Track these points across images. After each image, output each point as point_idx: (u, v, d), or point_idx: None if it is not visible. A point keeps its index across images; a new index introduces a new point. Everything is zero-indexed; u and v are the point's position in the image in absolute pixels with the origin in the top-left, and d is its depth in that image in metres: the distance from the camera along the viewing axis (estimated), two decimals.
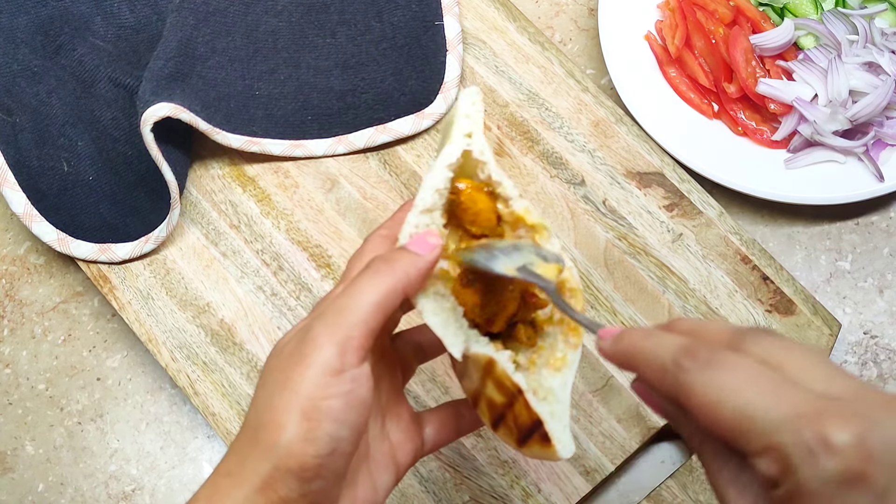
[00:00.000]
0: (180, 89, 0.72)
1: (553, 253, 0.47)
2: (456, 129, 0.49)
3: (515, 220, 0.49)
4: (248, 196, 0.74)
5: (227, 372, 0.70)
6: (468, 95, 0.50)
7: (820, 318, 0.69)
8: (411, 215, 0.47)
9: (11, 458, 0.74)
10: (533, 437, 0.45)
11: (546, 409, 0.46)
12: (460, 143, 0.48)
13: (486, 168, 0.49)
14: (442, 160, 0.48)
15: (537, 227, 0.48)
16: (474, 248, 0.47)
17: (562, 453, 0.45)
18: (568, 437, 0.45)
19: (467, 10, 0.78)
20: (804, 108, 0.74)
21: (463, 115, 0.49)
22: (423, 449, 0.51)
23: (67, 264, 0.78)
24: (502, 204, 0.49)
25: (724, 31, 0.76)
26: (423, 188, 0.47)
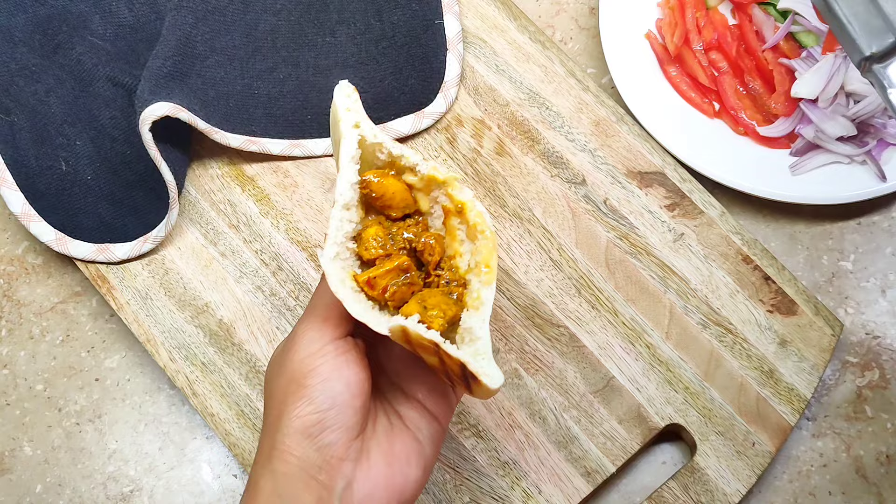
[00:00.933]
0: (179, 88, 0.72)
1: None
2: (343, 125, 0.52)
3: (428, 183, 0.52)
4: (247, 196, 0.74)
5: (226, 372, 0.70)
6: (341, 90, 0.53)
7: (822, 318, 0.69)
8: (334, 211, 0.51)
9: (9, 459, 0.74)
10: (470, 381, 0.47)
11: (468, 350, 0.48)
12: (352, 134, 0.52)
13: (384, 148, 0.52)
14: (344, 156, 0.51)
15: (448, 181, 0.52)
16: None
17: (491, 385, 0.47)
18: (493, 369, 0.47)
19: (467, 8, 0.78)
20: (808, 109, 0.73)
21: (344, 110, 0.53)
22: (452, 401, 0.54)
23: (65, 264, 0.78)
24: (410, 174, 0.52)
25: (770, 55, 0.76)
26: (338, 184, 0.51)
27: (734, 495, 0.66)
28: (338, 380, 0.49)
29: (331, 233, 0.51)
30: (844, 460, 0.70)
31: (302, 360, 0.50)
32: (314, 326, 0.50)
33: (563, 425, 0.67)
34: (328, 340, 0.50)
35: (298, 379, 0.49)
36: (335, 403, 0.48)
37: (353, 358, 0.50)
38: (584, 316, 0.70)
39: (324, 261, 0.50)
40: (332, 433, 0.48)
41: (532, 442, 0.67)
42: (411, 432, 0.51)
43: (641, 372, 0.68)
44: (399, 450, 0.51)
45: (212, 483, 0.72)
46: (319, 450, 0.48)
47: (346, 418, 0.49)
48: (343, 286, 0.49)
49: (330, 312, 0.50)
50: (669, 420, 0.67)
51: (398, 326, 0.48)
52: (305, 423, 0.48)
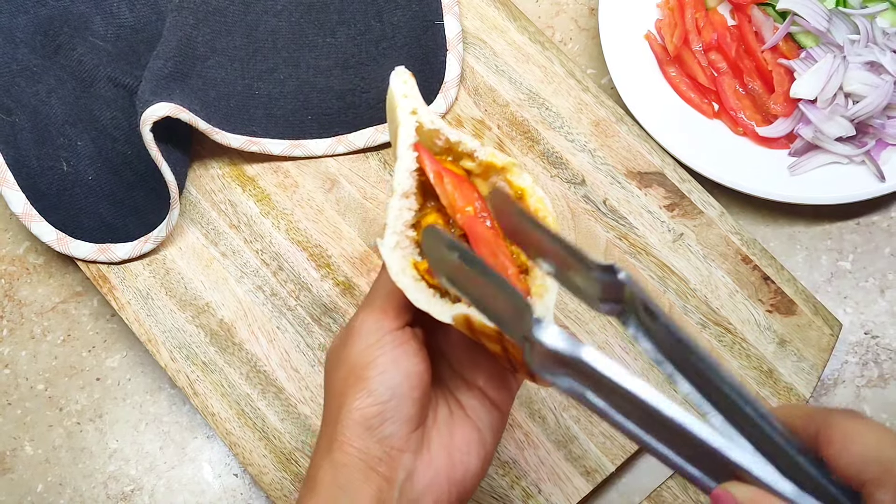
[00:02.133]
0: (180, 89, 0.72)
1: None
2: (401, 111, 0.51)
3: (486, 169, 0.51)
4: (247, 196, 0.74)
5: (227, 372, 0.70)
6: (398, 76, 0.52)
7: (821, 318, 0.69)
8: (393, 200, 0.49)
9: (10, 458, 0.74)
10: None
11: None
12: (409, 121, 0.51)
13: (441, 134, 0.51)
14: (402, 143, 0.50)
15: (507, 166, 0.51)
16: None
17: None
18: None
19: (467, 9, 0.78)
20: (807, 110, 0.74)
21: (401, 96, 0.52)
22: (513, 388, 0.53)
23: (67, 264, 0.78)
24: (468, 160, 0.51)
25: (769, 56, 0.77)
26: (396, 173, 0.50)
27: None
28: (396, 371, 0.48)
29: (390, 222, 0.49)
30: None
31: (360, 352, 0.49)
32: (372, 317, 0.50)
33: (563, 424, 0.68)
34: (386, 331, 0.49)
35: (357, 371, 0.49)
36: (394, 395, 0.48)
37: (411, 349, 0.49)
38: (584, 315, 0.70)
39: (384, 250, 0.49)
40: (391, 425, 0.48)
41: (532, 441, 0.67)
42: (472, 421, 0.51)
43: (641, 371, 0.68)
44: (459, 440, 0.50)
45: (212, 482, 0.72)
46: (379, 441, 0.48)
47: (406, 410, 0.48)
48: (404, 275, 0.48)
49: (388, 303, 0.50)
50: None
51: (461, 315, 0.47)
52: (365, 415, 0.48)
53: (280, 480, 0.68)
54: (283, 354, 0.70)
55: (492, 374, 0.51)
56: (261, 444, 0.68)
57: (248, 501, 0.72)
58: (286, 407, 0.69)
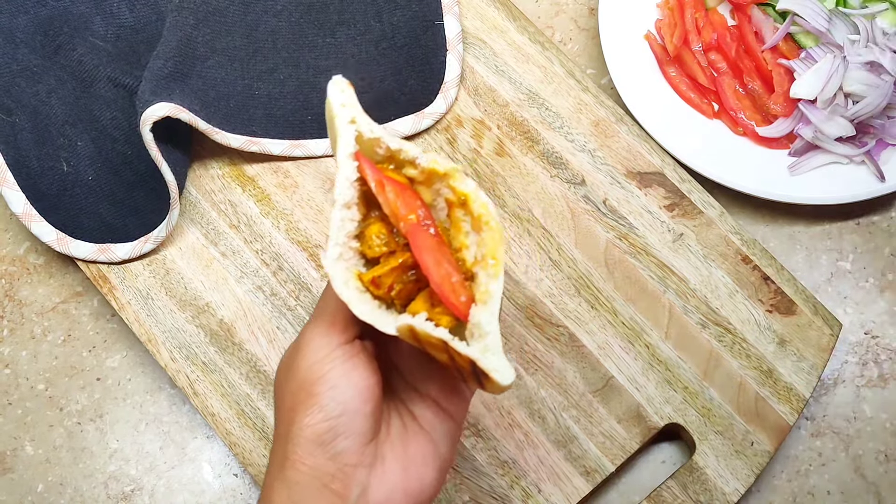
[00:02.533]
0: (180, 89, 0.72)
1: None
2: (339, 121, 0.51)
3: (429, 176, 0.51)
4: (247, 196, 0.74)
5: (227, 372, 0.70)
6: (335, 85, 0.52)
7: (821, 318, 0.69)
8: (335, 211, 0.49)
9: (11, 458, 0.74)
10: (481, 377, 0.46)
11: (478, 346, 0.47)
12: (349, 130, 0.51)
13: (382, 143, 0.51)
14: (341, 153, 0.50)
15: (450, 172, 0.50)
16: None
17: (502, 381, 0.46)
18: (503, 365, 0.46)
19: (467, 9, 0.78)
20: (807, 110, 0.74)
21: (339, 106, 0.51)
22: (466, 397, 0.53)
23: (67, 264, 0.78)
24: (410, 167, 0.51)
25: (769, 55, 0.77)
26: (337, 183, 0.49)
27: (733, 494, 0.66)
28: (347, 386, 0.48)
29: (332, 233, 0.49)
30: (843, 460, 0.70)
31: (310, 367, 0.49)
32: (321, 331, 0.49)
33: (563, 424, 0.68)
34: (336, 345, 0.49)
35: (307, 387, 0.48)
36: (346, 410, 0.47)
37: (361, 362, 0.49)
38: (584, 315, 0.70)
39: (326, 262, 0.48)
40: (343, 440, 0.48)
41: (531, 441, 0.67)
42: (426, 433, 0.50)
43: (640, 371, 0.68)
44: (414, 452, 0.50)
45: (212, 482, 0.72)
46: (332, 458, 0.47)
47: (358, 424, 0.48)
48: (347, 287, 0.48)
49: (336, 316, 0.49)
50: (668, 419, 0.67)
51: (405, 325, 0.47)
52: (316, 432, 0.47)
53: None
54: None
55: (444, 384, 0.51)
56: (261, 444, 0.68)
57: (248, 501, 0.72)
58: None
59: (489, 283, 0.48)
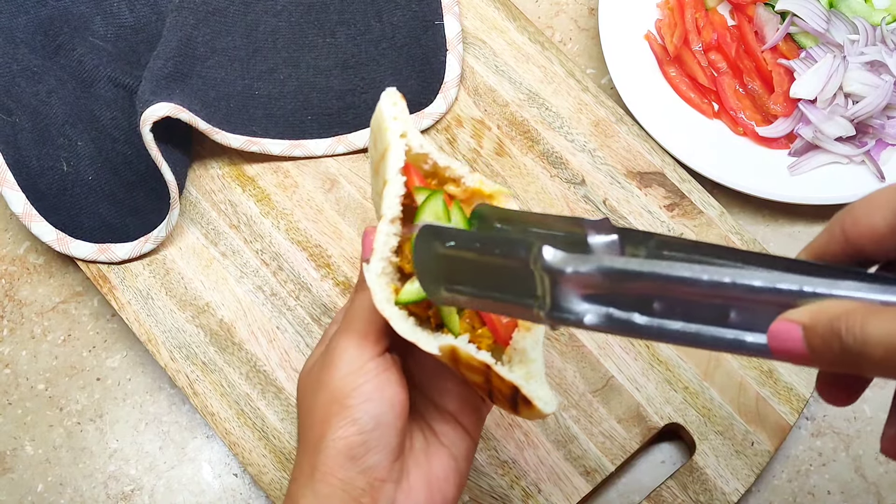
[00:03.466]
0: (180, 89, 0.72)
1: None
2: (391, 134, 0.50)
3: (471, 195, 0.50)
4: (247, 196, 0.74)
5: (227, 372, 0.70)
6: (388, 97, 0.51)
7: None
8: (381, 225, 0.48)
9: (11, 458, 0.74)
10: (520, 403, 0.46)
11: (521, 372, 0.46)
12: (399, 144, 0.50)
13: (429, 158, 0.50)
14: (391, 168, 0.49)
15: (495, 194, 0.50)
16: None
17: (545, 410, 0.46)
18: (547, 393, 0.46)
19: (467, 9, 0.78)
20: (807, 110, 0.74)
21: (391, 119, 0.50)
22: (483, 413, 0.52)
23: (67, 264, 0.78)
24: (453, 185, 0.50)
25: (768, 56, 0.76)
26: (386, 198, 0.49)
27: (733, 494, 0.66)
28: (381, 399, 0.47)
29: (377, 247, 0.48)
30: (843, 459, 0.70)
31: (343, 378, 0.48)
32: (353, 343, 0.48)
33: (563, 424, 0.68)
34: (369, 358, 0.48)
35: (340, 399, 0.47)
36: (379, 424, 0.47)
37: (394, 377, 0.48)
38: None
39: (370, 276, 0.47)
40: (375, 455, 0.47)
41: (531, 441, 0.67)
42: (447, 449, 0.50)
43: (640, 371, 0.68)
44: (437, 468, 0.49)
45: (212, 482, 0.72)
46: (363, 472, 0.47)
47: (390, 439, 0.47)
48: (389, 304, 0.47)
49: (370, 328, 0.48)
50: (668, 419, 0.67)
51: (448, 346, 0.46)
52: (349, 445, 0.47)
53: (280, 480, 0.68)
54: (283, 354, 0.70)
55: (463, 400, 0.51)
56: (260, 444, 0.68)
57: (247, 501, 0.72)
58: (286, 407, 0.69)
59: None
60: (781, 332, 0.32)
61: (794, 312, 0.32)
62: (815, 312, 0.32)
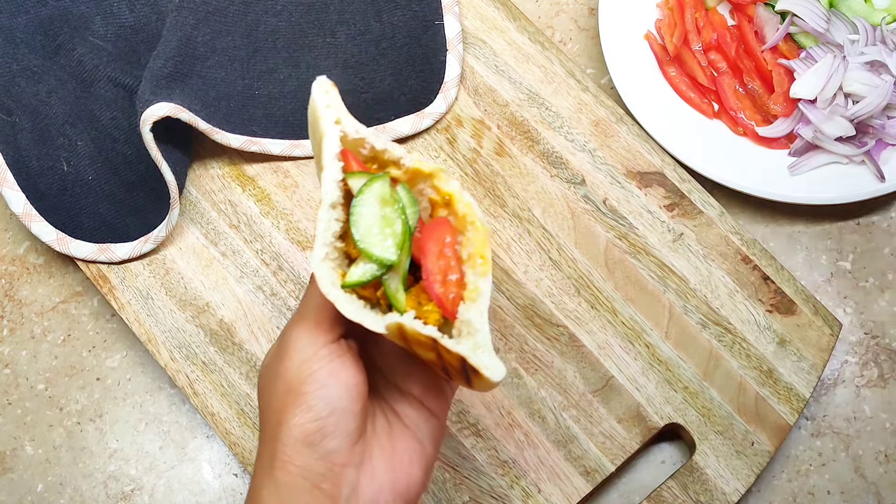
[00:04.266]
0: (180, 89, 0.72)
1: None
2: (325, 122, 0.51)
3: (413, 176, 0.51)
4: (247, 196, 0.74)
5: (227, 372, 0.70)
6: (319, 86, 0.52)
7: (821, 318, 0.69)
8: (321, 211, 0.49)
9: (11, 458, 0.74)
10: (471, 374, 0.47)
11: (468, 344, 0.47)
12: (334, 131, 0.51)
13: (366, 143, 0.51)
14: (327, 154, 0.50)
15: (434, 172, 0.51)
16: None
17: (492, 378, 0.46)
18: (493, 361, 0.46)
19: (467, 9, 0.78)
20: (807, 110, 0.74)
21: (324, 107, 0.51)
22: (448, 395, 0.53)
23: (67, 264, 0.78)
24: (394, 167, 0.51)
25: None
26: (323, 183, 0.50)
27: (733, 494, 0.66)
28: (335, 385, 0.48)
29: (319, 233, 0.49)
30: (843, 460, 0.70)
31: (297, 367, 0.48)
32: (306, 331, 0.49)
33: (563, 424, 0.68)
34: (322, 345, 0.49)
35: (295, 387, 0.48)
36: (335, 409, 0.47)
37: (348, 361, 0.49)
38: (584, 315, 0.70)
39: (314, 262, 0.48)
40: (333, 440, 0.47)
41: (531, 441, 0.67)
42: (411, 431, 0.51)
43: (640, 371, 0.68)
44: (401, 451, 0.50)
45: (212, 482, 0.72)
46: (322, 458, 0.47)
47: (347, 424, 0.48)
48: (334, 288, 0.48)
49: (321, 315, 0.49)
50: (668, 419, 0.67)
51: (394, 324, 0.47)
52: (306, 432, 0.47)
53: None
54: None
55: (426, 383, 0.51)
56: None
57: None
58: None
59: (478, 281, 0.49)
60: None
61: None
62: None
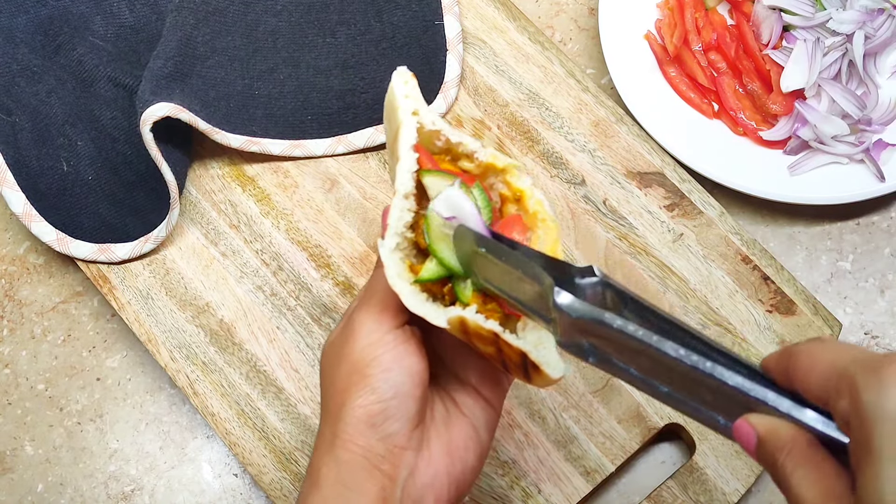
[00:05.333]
0: (180, 89, 0.72)
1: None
2: (402, 112, 0.51)
3: (485, 171, 0.51)
4: (247, 196, 0.74)
5: (227, 372, 0.70)
6: (399, 76, 0.52)
7: (821, 318, 0.69)
8: (395, 200, 0.49)
9: (11, 458, 0.74)
10: (530, 369, 0.47)
11: (531, 339, 0.47)
12: (411, 122, 0.51)
13: (441, 135, 0.51)
14: (403, 144, 0.50)
15: (507, 168, 0.51)
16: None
17: (553, 374, 0.46)
18: (555, 358, 0.46)
19: (467, 9, 0.78)
20: (804, 109, 0.74)
21: (402, 97, 0.51)
22: (505, 385, 0.53)
23: (67, 264, 0.78)
24: (467, 161, 0.51)
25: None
26: (399, 173, 0.49)
27: (733, 495, 0.66)
28: (399, 369, 0.49)
29: (391, 223, 0.49)
30: None
31: (363, 350, 0.49)
32: (372, 316, 0.50)
33: (563, 425, 0.68)
34: (387, 330, 0.50)
35: (360, 368, 0.49)
36: (397, 393, 0.48)
37: (412, 347, 0.50)
38: None
39: (384, 251, 0.48)
40: (394, 422, 0.48)
41: (531, 441, 0.67)
42: (467, 419, 0.51)
43: None
44: (457, 437, 0.51)
45: (212, 482, 0.72)
46: (382, 439, 0.48)
47: (408, 408, 0.49)
48: (400, 279, 0.48)
49: (388, 301, 0.50)
50: (668, 419, 0.67)
51: (457, 317, 0.47)
52: (369, 413, 0.48)
53: (280, 480, 0.68)
54: (283, 354, 0.70)
55: (484, 373, 0.52)
56: (261, 444, 0.68)
57: (248, 501, 0.72)
58: (286, 407, 0.69)
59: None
60: (742, 431, 0.40)
61: (756, 419, 0.40)
62: (770, 431, 0.39)
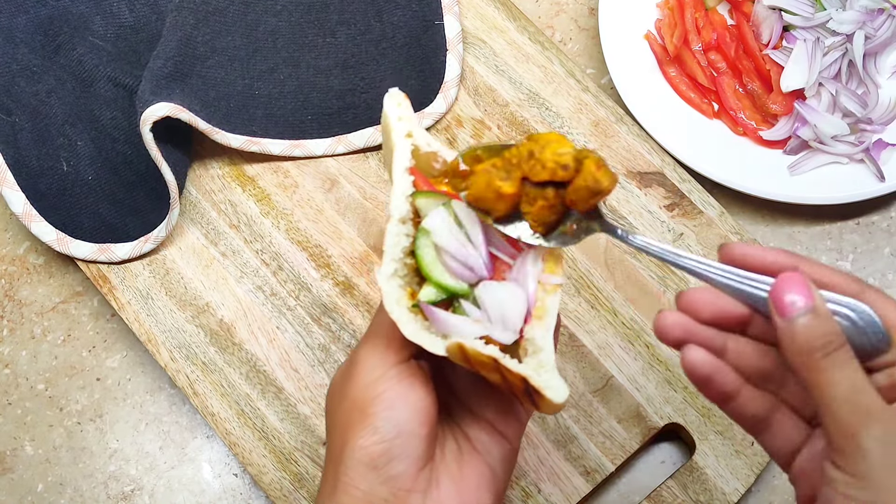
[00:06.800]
0: (180, 89, 0.72)
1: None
2: (396, 135, 0.50)
3: None
4: (247, 196, 0.74)
5: (227, 372, 0.70)
6: (391, 98, 0.52)
7: None
8: (390, 226, 0.48)
9: (11, 458, 0.74)
10: (534, 396, 0.45)
11: (531, 363, 0.46)
12: (405, 144, 0.50)
13: (438, 157, 0.50)
14: (397, 168, 0.49)
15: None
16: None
17: (556, 399, 0.45)
18: (557, 382, 0.45)
19: (467, 9, 0.78)
20: (804, 109, 0.74)
21: (396, 119, 0.51)
22: (523, 419, 0.51)
23: (67, 264, 0.78)
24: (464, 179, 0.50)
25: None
26: (393, 198, 0.48)
27: (733, 494, 0.66)
28: (403, 407, 0.46)
29: (387, 249, 0.48)
30: None
31: (365, 387, 0.47)
32: (376, 351, 0.48)
33: (563, 424, 0.68)
34: (391, 365, 0.47)
35: (361, 407, 0.46)
36: (401, 432, 0.46)
37: (417, 382, 0.47)
38: (584, 315, 0.70)
39: (381, 279, 0.47)
40: (398, 464, 0.46)
41: (531, 441, 0.67)
42: (481, 456, 0.49)
43: (640, 371, 0.68)
44: (469, 476, 0.48)
45: (212, 482, 0.72)
46: (385, 482, 0.46)
47: (413, 447, 0.46)
48: (399, 306, 0.47)
49: (392, 334, 0.48)
50: (668, 419, 0.67)
51: (455, 344, 0.45)
52: (370, 454, 0.45)
53: (280, 480, 0.68)
54: (283, 354, 0.70)
55: (500, 406, 0.49)
56: (260, 444, 0.68)
57: (247, 501, 0.72)
58: (286, 407, 0.69)
59: (545, 298, 0.47)
60: (794, 280, 0.42)
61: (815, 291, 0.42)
62: (822, 307, 0.42)
